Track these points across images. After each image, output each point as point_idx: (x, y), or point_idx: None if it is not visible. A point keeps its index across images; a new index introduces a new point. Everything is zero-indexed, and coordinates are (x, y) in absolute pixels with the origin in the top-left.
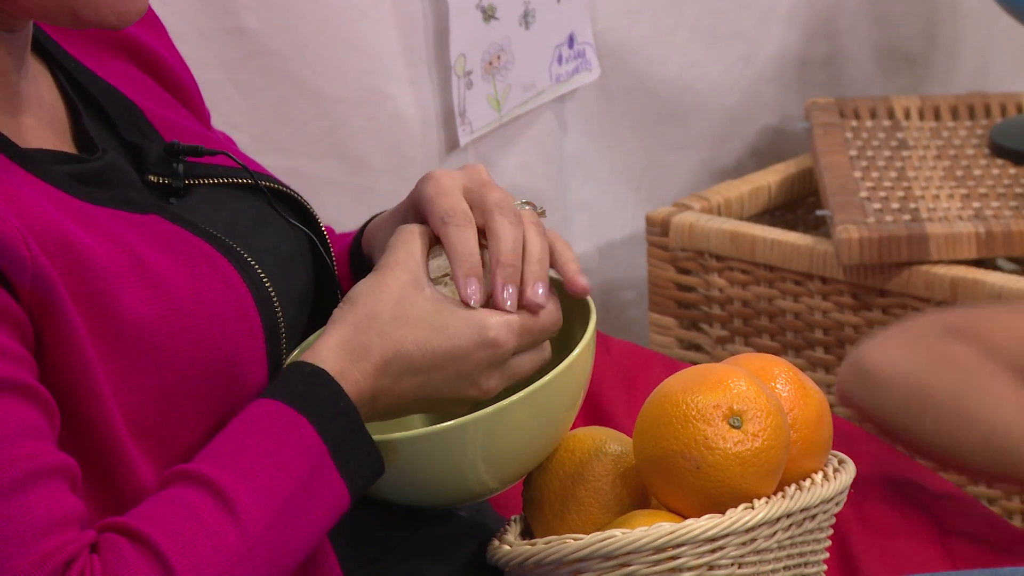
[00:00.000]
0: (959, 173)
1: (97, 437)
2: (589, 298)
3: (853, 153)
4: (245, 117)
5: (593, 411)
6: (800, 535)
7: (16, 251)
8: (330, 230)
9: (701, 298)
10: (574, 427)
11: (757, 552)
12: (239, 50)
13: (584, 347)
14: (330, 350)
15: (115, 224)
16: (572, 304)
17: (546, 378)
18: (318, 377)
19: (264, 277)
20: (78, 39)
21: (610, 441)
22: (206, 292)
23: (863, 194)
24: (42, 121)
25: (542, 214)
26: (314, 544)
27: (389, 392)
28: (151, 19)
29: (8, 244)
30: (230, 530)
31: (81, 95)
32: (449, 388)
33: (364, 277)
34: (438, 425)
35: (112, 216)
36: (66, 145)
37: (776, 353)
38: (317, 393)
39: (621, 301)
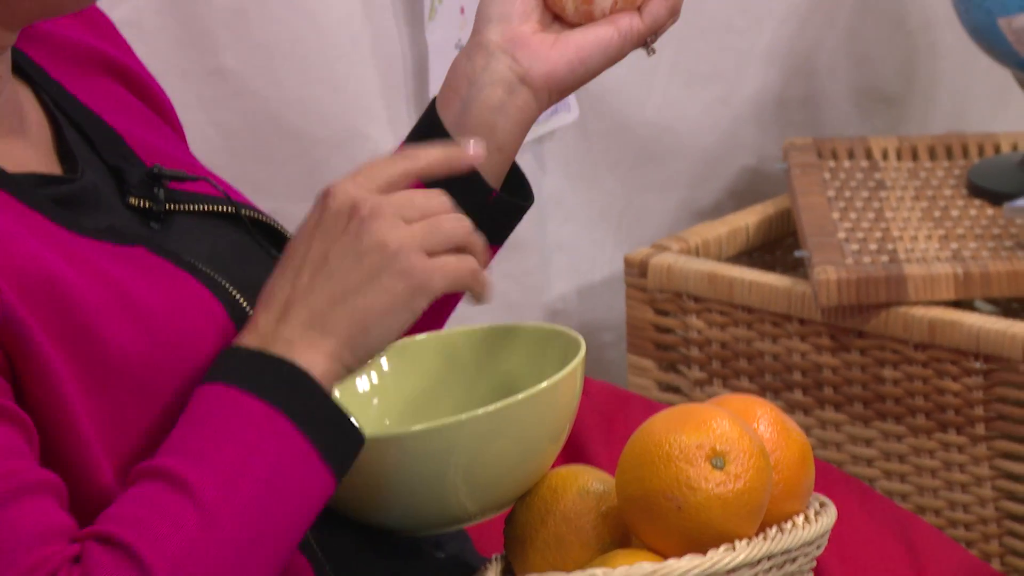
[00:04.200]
0: (937, 214)
1: (77, 475)
2: (580, 337)
3: (831, 194)
4: (225, 158)
5: (572, 451)
6: None
7: None
8: None
9: (679, 340)
10: (556, 466)
11: None
12: (219, 91)
13: (571, 371)
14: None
15: (100, 257)
16: (563, 343)
17: (528, 392)
18: (248, 353)
19: (249, 311)
20: (62, 61)
21: (592, 479)
22: (190, 327)
23: (841, 235)
24: (28, 140)
25: None
26: (296, 517)
27: (301, 313)
28: (121, 41)
29: None
30: (186, 505)
31: (64, 116)
32: (341, 267)
33: None
34: (415, 427)
35: (97, 248)
36: (51, 163)
37: (755, 395)
38: (253, 367)
39: (599, 343)
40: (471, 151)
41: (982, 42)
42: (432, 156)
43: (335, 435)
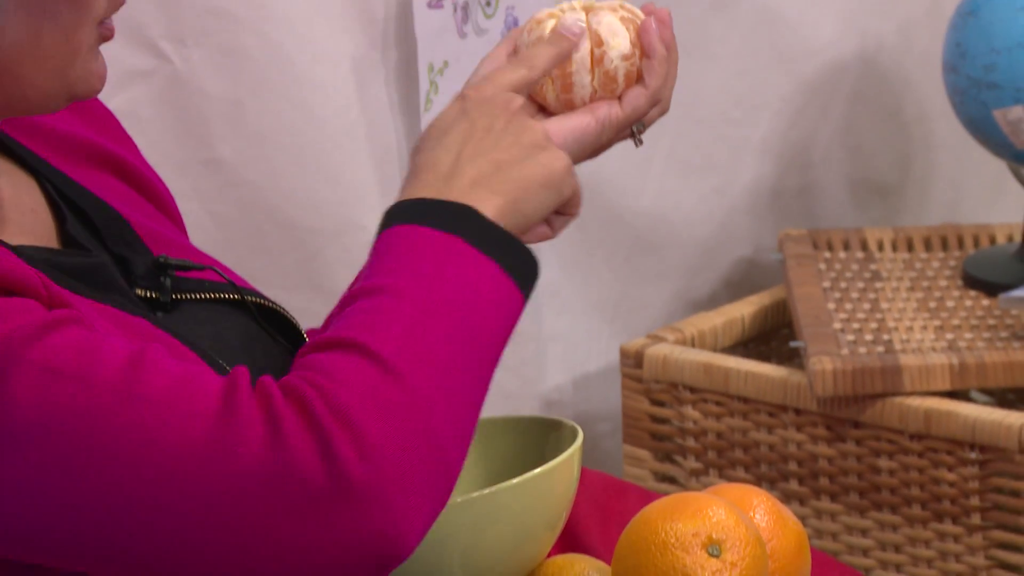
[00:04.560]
0: (932, 304)
1: None
2: (577, 426)
3: (826, 284)
4: (220, 248)
5: (568, 540)
6: None
7: (34, 288)
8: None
9: (675, 430)
10: (552, 555)
11: None
12: (214, 181)
13: (567, 457)
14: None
15: (105, 320)
16: (560, 433)
17: (524, 476)
18: (419, 200)
19: None
20: (61, 154)
21: (589, 568)
22: None
23: (837, 325)
24: (23, 228)
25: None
26: (495, 326)
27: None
28: (122, 135)
29: (28, 283)
30: (395, 302)
31: (67, 205)
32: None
33: None
34: None
35: (103, 311)
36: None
37: (751, 485)
38: (425, 208)
39: (595, 434)
40: (571, 35)
41: (978, 134)
42: (545, 60)
43: (515, 256)
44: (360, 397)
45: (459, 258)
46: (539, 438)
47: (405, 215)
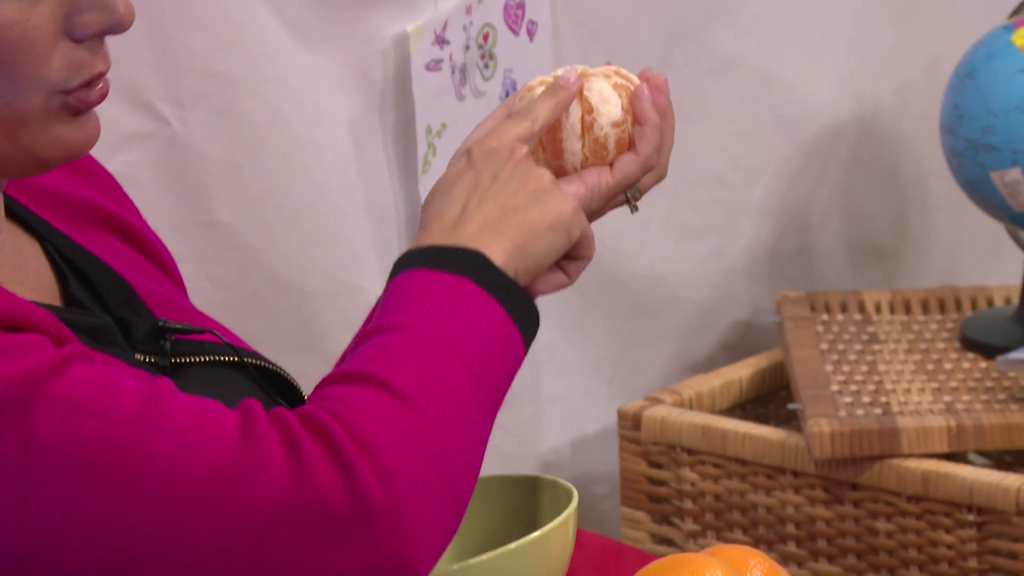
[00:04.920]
0: (930, 367)
1: None
2: (572, 487)
3: (824, 347)
4: (218, 311)
5: None
6: None
7: (44, 325)
8: None
9: (673, 492)
10: None
11: None
12: (212, 243)
13: (562, 521)
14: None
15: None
16: (555, 494)
17: (520, 541)
18: (427, 247)
19: None
20: (64, 216)
21: None
22: None
23: (834, 388)
24: (26, 289)
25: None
26: (500, 368)
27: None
28: (123, 197)
29: (38, 320)
30: (408, 339)
31: (70, 268)
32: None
33: None
34: None
35: (109, 362)
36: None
37: (748, 546)
38: (435, 253)
39: (593, 496)
40: (571, 84)
41: (975, 196)
42: (546, 111)
43: (519, 304)
44: (378, 424)
45: (468, 298)
46: (535, 499)
47: (415, 261)
